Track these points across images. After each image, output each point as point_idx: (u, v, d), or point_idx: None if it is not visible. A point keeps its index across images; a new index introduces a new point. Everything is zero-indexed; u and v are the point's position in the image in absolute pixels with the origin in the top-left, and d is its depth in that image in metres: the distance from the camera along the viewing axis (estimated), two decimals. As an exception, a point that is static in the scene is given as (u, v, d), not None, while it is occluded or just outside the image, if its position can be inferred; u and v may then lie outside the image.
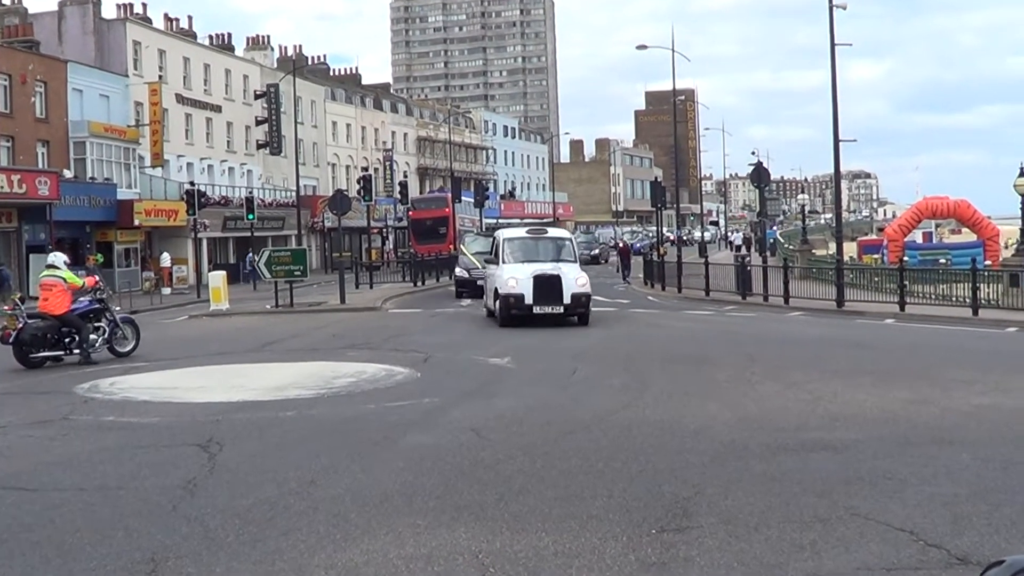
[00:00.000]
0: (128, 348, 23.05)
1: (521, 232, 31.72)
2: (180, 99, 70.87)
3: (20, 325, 21.41)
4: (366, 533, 8.20)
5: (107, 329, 22.61)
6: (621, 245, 64.24)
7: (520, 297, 27.38)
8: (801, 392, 15.23)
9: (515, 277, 27.80)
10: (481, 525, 8.33)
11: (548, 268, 28.07)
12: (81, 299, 22.61)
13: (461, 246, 47.88)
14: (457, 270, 44.51)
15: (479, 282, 36.67)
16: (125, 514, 8.97)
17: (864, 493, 9.02)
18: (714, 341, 23.84)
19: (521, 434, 12.31)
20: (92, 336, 22.24)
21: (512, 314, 27.32)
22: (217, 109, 75.71)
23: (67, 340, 21.81)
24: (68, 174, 55.25)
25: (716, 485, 9.46)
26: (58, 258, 22.58)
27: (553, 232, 32.10)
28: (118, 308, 23.93)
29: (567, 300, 27.38)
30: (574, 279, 27.78)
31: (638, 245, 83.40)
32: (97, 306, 22.67)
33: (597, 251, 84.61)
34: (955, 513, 8.33)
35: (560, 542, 7.81)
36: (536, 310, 27.26)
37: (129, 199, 58.65)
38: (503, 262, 29.27)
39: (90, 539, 8.20)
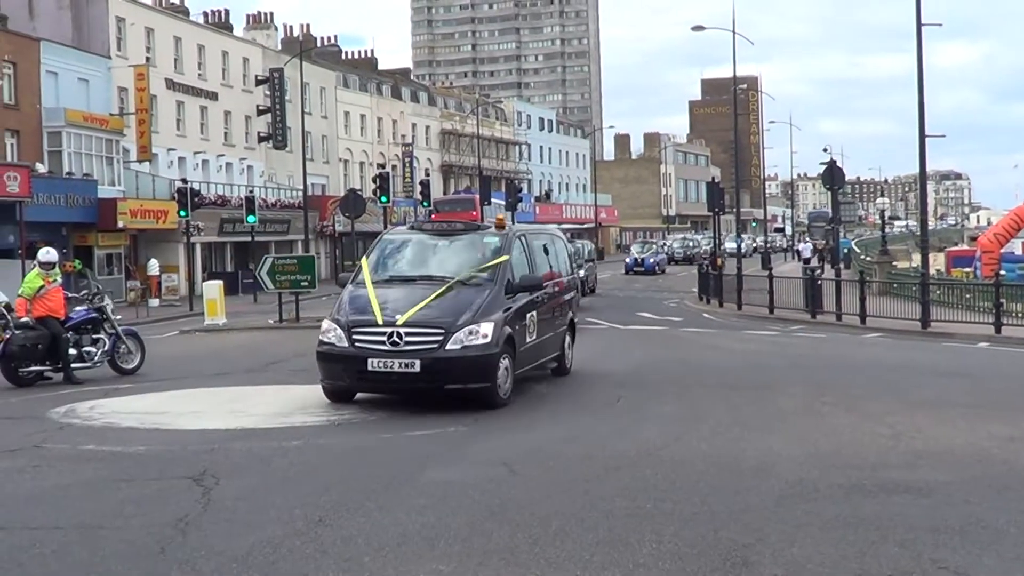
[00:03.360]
0: (133, 364, 23.22)
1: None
2: (171, 85, 71.29)
3: (7, 336, 21.58)
4: (381, 581, 8.23)
5: (107, 342, 22.79)
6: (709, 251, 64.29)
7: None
8: (879, 426, 15.17)
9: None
10: (512, 572, 8.36)
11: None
12: (77, 308, 22.76)
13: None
14: None
15: None
16: (106, 556, 9.03)
17: (953, 544, 8.99)
18: (779, 366, 23.78)
19: (558, 469, 12.33)
20: (91, 349, 22.41)
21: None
22: (213, 96, 76.12)
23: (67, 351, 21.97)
24: (41, 168, 55.52)
25: (781, 531, 9.45)
26: (53, 255, 22.59)
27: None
28: (119, 318, 24.06)
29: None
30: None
31: (651, 260, 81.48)
32: (95, 315, 22.82)
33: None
34: (1061, 569, 8.28)
35: (603, 594, 7.81)
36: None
37: (112, 198, 58.97)
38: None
39: (67, 585, 8.25)
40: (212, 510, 10.60)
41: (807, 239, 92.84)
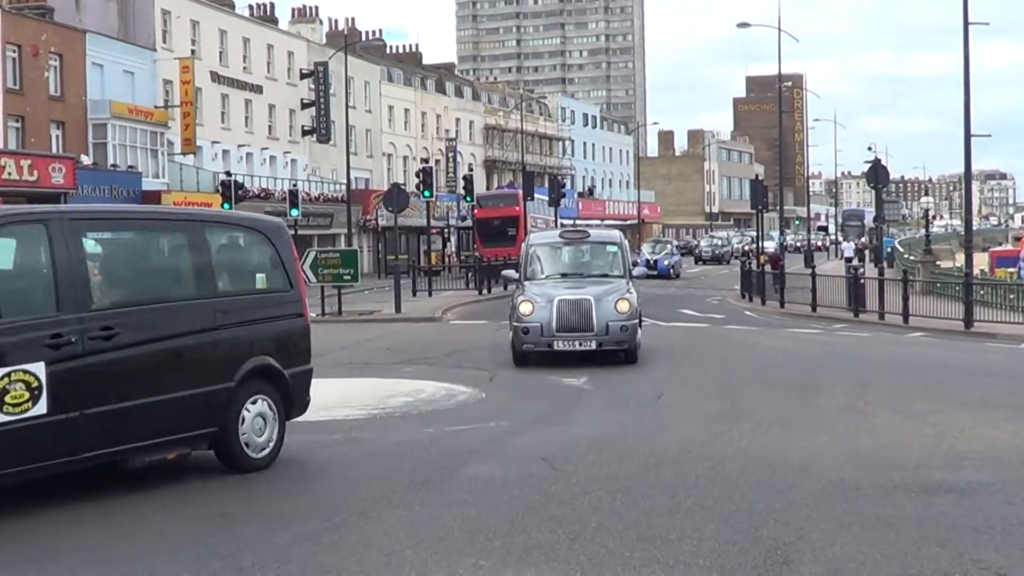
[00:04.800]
0: None
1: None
2: (215, 77, 71.59)
3: None
4: (423, 574, 8.26)
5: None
6: (772, 251, 63.25)
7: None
8: (922, 425, 15.11)
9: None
10: (552, 568, 8.38)
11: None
12: None
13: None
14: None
15: None
16: (149, 551, 9.12)
17: (995, 544, 8.95)
18: (821, 364, 23.72)
19: (599, 465, 12.36)
20: None
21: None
22: (258, 90, 76.41)
23: None
24: (86, 160, 55.89)
25: (822, 530, 9.43)
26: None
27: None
28: None
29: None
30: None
31: (665, 262, 71.42)
32: None
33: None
34: (1102, 571, 8.23)
35: (642, 590, 7.82)
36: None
37: (156, 190, 59.07)
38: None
39: (109, 576, 8.31)
40: (253, 503, 10.67)
41: (849, 239, 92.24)
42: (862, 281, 39.86)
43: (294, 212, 56.03)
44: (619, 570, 8.31)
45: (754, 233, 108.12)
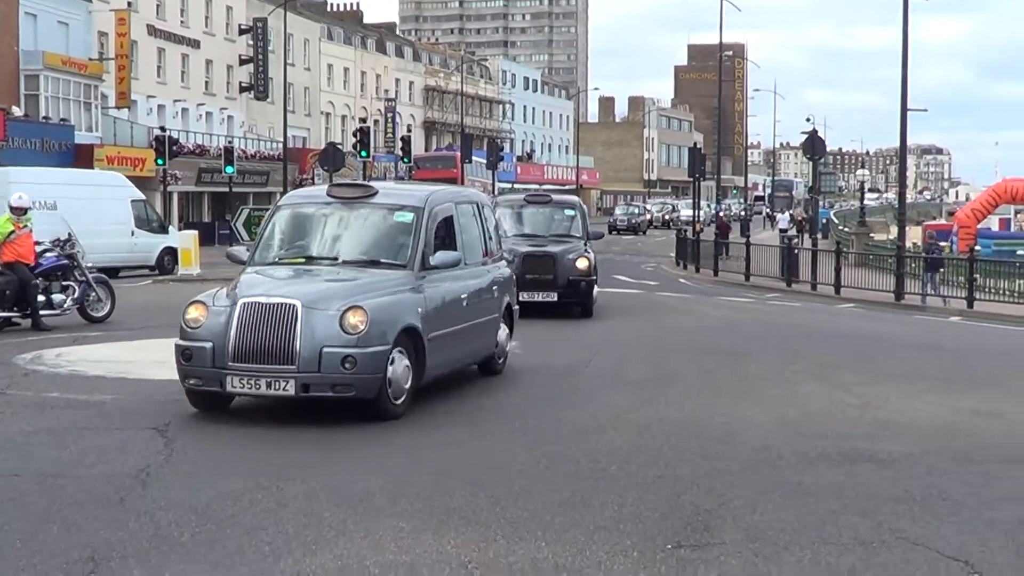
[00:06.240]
0: (103, 313, 23.01)
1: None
2: (152, 31, 70.92)
3: None
4: (341, 535, 8.23)
5: (77, 289, 22.59)
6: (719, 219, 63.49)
7: None
8: (848, 395, 15.22)
9: None
10: (473, 531, 8.35)
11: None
12: (47, 254, 22.54)
13: None
14: None
15: None
16: (64, 506, 9.00)
17: (913, 514, 9.01)
18: (752, 333, 23.83)
19: (524, 430, 12.37)
20: (59, 296, 22.20)
21: None
22: (195, 44, 75.77)
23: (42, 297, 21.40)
24: (17, 111, 55.20)
25: (744, 497, 9.47)
26: (26, 200, 22.29)
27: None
28: (90, 266, 23.88)
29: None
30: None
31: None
32: (65, 262, 22.62)
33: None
34: (1018, 543, 8.32)
35: (561, 555, 7.83)
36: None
37: (89, 143, 58.59)
38: None
39: (22, 534, 8.21)
40: (174, 462, 10.57)
41: (781, 209, 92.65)
42: (796, 251, 40.15)
43: (229, 169, 55.83)
44: (540, 534, 8.28)
45: (675, 201, 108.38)
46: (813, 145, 46.49)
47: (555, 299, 24.46)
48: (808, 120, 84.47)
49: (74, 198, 35.34)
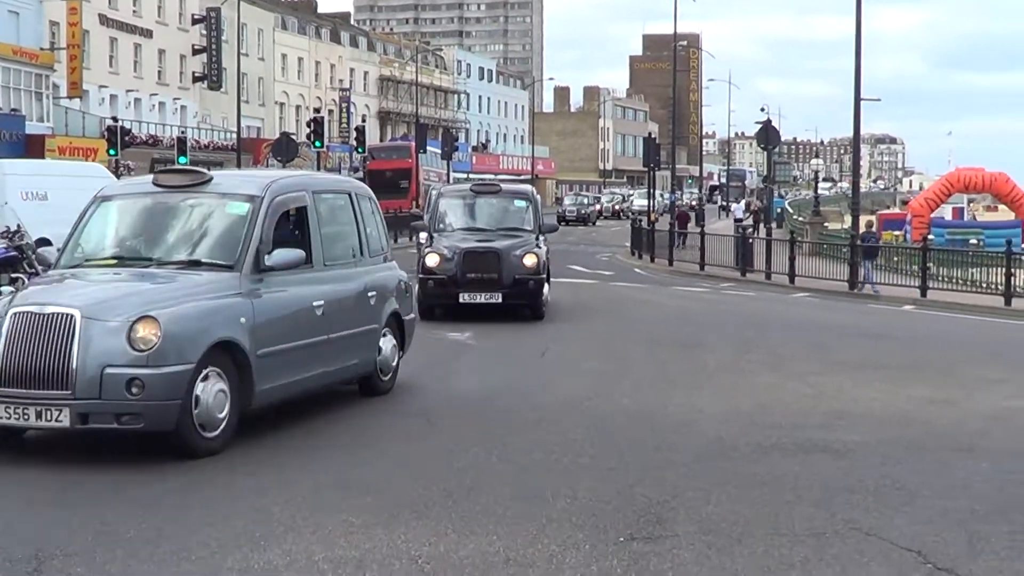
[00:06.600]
0: None
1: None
2: (104, 20, 70.37)
3: None
4: (290, 530, 8.13)
5: (27, 281, 22.30)
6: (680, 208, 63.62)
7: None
8: (802, 385, 15.21)
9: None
10: (424, 525, 8.26)
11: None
12: None
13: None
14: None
15: None
16: (3, 505, 8.89)
17: (867, 504, 8.98)
18: (706, 322, 23.83)
19: (477, 422, 12.29)
20: (7, 288, 21.95)
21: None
22: (147, 34, 75.24)
23: None
24: (-33, 102, 54.69)
25: (697, 488, 9.41)
26: None
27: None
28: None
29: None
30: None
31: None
32: (15, 254, 22.36)
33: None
34: (971, 532, 8.28)
35: (513, 548, 7.76)
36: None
37: (40, 134, 57.91)
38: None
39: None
40: (128, 455, 10.43)
41: (739, 199, 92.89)
42: (751, 241, 40.25)
43: (182, 160, 55.46)
44: (492, 527, 8.21)
45: (625, 192, 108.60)
46: (767, 135, 46.54)
47: (499, 300, 22.25)
48: (763, 110, 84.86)
49: (64, 189, 34.89)
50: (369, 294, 13.39)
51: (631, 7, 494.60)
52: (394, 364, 14.07)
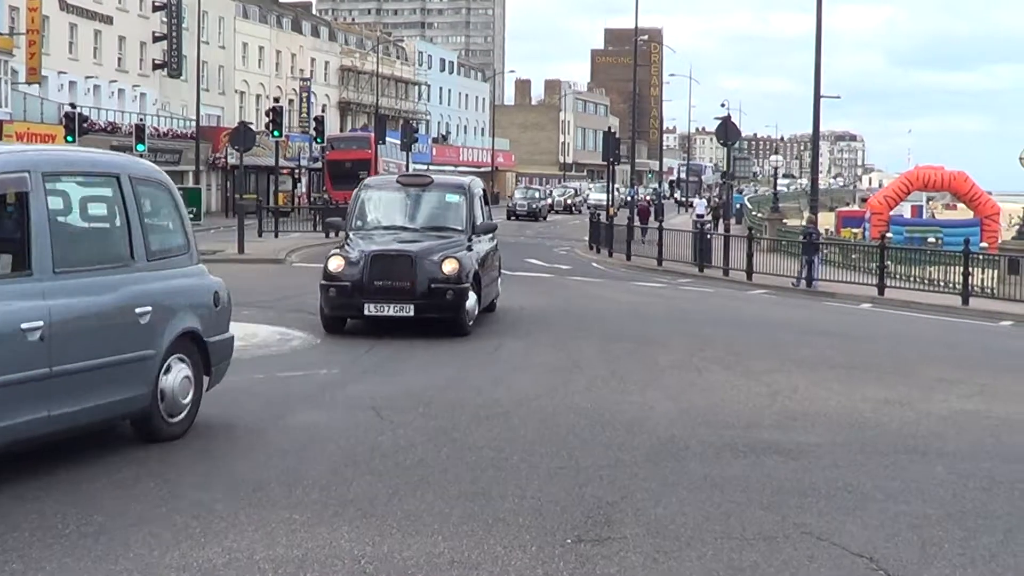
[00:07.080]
0: None
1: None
2: (64, 6, 69.78)
3: None
4: (232, 527, 7.99)
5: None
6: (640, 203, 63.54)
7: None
8: (756, 384, 15.12)
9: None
10: (368, 524, 8.13)
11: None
12: None
13: None
14: None
15: None
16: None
17: (819, 508, 8.88)
18: (662, 319, 23.76)
19: (428, 417, 12.14)
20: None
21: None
22: (108, 20, 74.64)
23: None
24: (-76, 86, 54.13)
25: (647, 489, 9.30)
26: None
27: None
28: None
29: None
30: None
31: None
32: None
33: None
34: (924, 538, 8.20)
35: (458, 549, 7.63)
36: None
37: (-2, 119, 57.61)
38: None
39: None
40: (62, 450, 10.24)
41: (700, 195, 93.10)
42: (709, 236, 40.23)
43: (140, 147, 54.98)
44: (437, 527, 8.07)
45: (578, 185, 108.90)
46: (727, 130, 46.64)
47: (411, 313, 18.84)
48: (723, 105, 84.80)
49: None
50: (138, 310, 10.29)
51: (593, 1, 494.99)
52: (187, 400, 10.94)
